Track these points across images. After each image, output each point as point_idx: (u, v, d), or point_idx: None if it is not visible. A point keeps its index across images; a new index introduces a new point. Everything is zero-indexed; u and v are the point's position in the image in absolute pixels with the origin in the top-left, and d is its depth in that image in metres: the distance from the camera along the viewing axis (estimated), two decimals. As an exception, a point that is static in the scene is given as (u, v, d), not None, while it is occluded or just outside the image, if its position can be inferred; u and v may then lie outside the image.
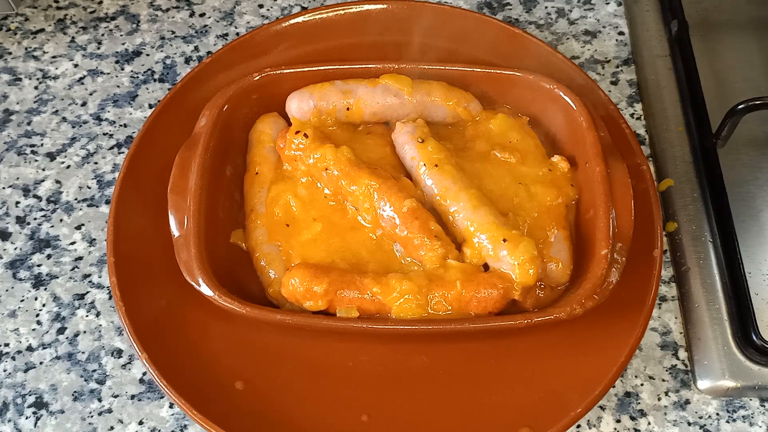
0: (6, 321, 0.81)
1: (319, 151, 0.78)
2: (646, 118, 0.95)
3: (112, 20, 1.04)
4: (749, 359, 0.76)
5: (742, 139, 0.88)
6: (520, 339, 0.74)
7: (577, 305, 0.70)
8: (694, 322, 0.79)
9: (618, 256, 0.73)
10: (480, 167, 0.81)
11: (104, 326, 0.81)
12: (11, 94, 0.97)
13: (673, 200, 0.87)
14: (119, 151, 0.92)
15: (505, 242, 0.72)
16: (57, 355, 0.79)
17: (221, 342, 0.75)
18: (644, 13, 1.03)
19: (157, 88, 0.98)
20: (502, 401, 0.71)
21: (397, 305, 0.71)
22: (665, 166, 0.89)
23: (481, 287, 0.71)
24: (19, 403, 0.76)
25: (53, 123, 0.95)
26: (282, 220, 0.79)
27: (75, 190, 0.90)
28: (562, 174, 0.81)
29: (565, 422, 0.69)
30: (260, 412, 0.71)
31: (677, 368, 0.78)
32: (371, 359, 0.74)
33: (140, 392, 0.77)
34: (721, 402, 0.76)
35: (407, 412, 0.71)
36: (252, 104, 0.85)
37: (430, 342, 0.75)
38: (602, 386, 0.70)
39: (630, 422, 0.75)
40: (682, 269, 0.82)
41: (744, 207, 0.84)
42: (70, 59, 1.00)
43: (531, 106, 0.86)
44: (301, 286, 0.71)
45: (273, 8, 1.05)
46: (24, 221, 0.87)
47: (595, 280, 0.71)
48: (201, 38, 1.02)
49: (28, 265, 0.84)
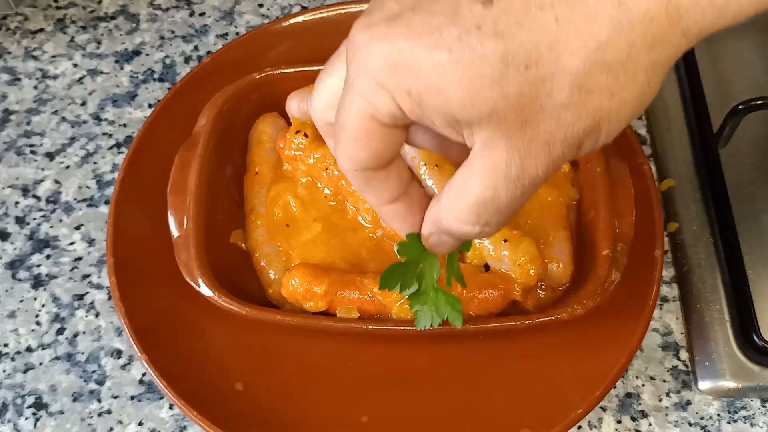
0: (5, 321, 0.81)
1: (320, 151, 0.78)
2: (648, 118, 0.95)
3: (112, 20, 1.04)
4: (751, 360, 0.76)
5: (744, 140, 0.88)
6: (521, 339, 0.74)
7: (579, 306, 0.70)
8: (696, 323, 0.79)
9: (619, 256, 0.73)
10: (480, 167, 0.81)
11: (104, 327, 0.81)
12: (10, 93, 0.97)
13: (675, 200, 0.86)
14: (119, 151, 0.92)
15: (506, 242, 0.72)
16: (56, 356, 0.79)
17: (221, 343, 0.75)
18: (645, 12, 1.03)
19: (156, 87, 0.98)
20: (502, 402, 0.71)
21: (397, 305, 0.71)
22: (666, 166, 0.89)
23: (482, 288, 0.71)
24: (19, 404, 0.76)
25: (53, 123, 0.94)
26: (282, 221, 0.79)
27: (74, 190, 0.89)
28: (563, 174, 0.81)
29: (566, 423, 0.68)
30: (260, 413, 0.71)
31: (678, 369, 0.78)
32: (371, 360, 0.74)
33: (140, 393, 0.77)
34: (723, 403, 0.76)
35: (407, 412, 0.71)
36: (252, 104, 0.85)
37: (430, 343, 0.75)
38: (603, 387, 0.70)
39: (631, 423, 0.75)
40: (684, 269, 0.82)
41: (745, 207, 0.84)
42: (69, 59, 1.00)
43: (532, 106, 0.86)
44: (301, 286, 0.71)
45: (273, 8, 1.05)
46: (23, 221, 0.87)
47: (596, 281, 0.71)
48: (201, 38, 1.02)
49: (28, 265, 0.84)
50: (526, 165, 0.46)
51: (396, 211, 0.57)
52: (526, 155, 0.46)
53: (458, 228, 0.52)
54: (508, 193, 0.48)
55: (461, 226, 0.51)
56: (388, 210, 0.57)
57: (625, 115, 0.45)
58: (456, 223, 0.51)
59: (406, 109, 0.46)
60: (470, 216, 0.50)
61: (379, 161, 0.51)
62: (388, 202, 0.56)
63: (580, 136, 0.45)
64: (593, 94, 0.44)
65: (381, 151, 0.50)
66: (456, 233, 0.53)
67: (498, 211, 0.49)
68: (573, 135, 0.45)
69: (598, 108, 0.44)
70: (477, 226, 0.51)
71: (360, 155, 0.50)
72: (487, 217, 0.50)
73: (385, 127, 0.48)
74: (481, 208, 0.49)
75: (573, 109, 0.44)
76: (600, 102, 0.44)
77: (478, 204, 0.49)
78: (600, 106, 0.44)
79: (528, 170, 0.47)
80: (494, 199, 0.48)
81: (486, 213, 0.50)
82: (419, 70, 0.44)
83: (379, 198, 0.56)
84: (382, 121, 0.48)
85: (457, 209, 0.51)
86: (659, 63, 0.44)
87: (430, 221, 0.56)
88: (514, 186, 0.48)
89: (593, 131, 0.46)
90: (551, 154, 0.46)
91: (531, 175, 0.47)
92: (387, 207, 0.56)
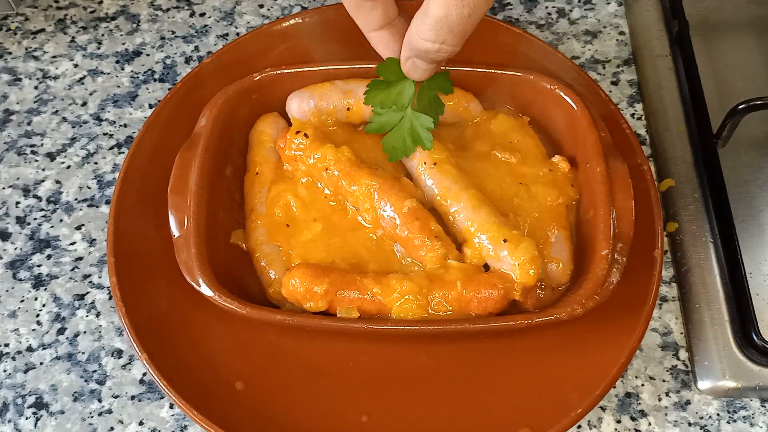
0: (6, 321, 0.81)
1: (320, 151, 0.78)
2: (647, 118, 0.95)
3: (113, 20, 1.04)
4: (750, 360, 0.76)
5: (743, 140, 0.88)
6: (521, 339, 0.74)
7: (578, 305, 0.70)
8: (695, 323, 0.79)
9: (618, 256, 0.73)
10: (480, 167, 0.81)
11: (104, 326, 0.81)
12: (11, 94, 0.97)
13: (674, 200, 0.87)
14: (119, 151, 0.92)
15: (506, 242, 0.72)
16: (57, 356, 0.79)
17: (221, 342, 0.75)
18: (645, 13, 1.03)
19: (157, 88, 0.98)
20: (502, 401, 0.71)
21: (397, 305, 0.71)
22: (666, 166, 0.89)
23: (482, 287, 0.71)
24: (19, 404, 0.76)
25: (53, 123, 0.95)
26: (282, 221, 0.79)
27: (75, 191, 0.89)
28: (563, 174, 0.81)
29: (566, 423, 0.69)
30: (260, 413, 0.71)
31: (678, 369, 0.78)
32: (371, 359, 0.74)
33: (140, 393, 0.77)
34: (722, 402, 0.76)
35: (407, 412, 0.71)
36: (252, 104, 0.85)
37: (430, 342, 0.75)
38: (603, 386, 0.70)
39: (630, 423, 0.75)
40: (683, 269, 0.82)
41: (744, 207, 0.84)
42: (70, 59, 1.00)
43: (531, 106, 0.86)
44: (301, 286, 0.71)
45: (273, 8, 1.05)
46: (24, 221, 0.87)
47: (595, 281, 0.71)
48: (201, 38, 1.02)
49: (28, 265, 0.84)
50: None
51: (381, 38, 0.72)
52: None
53: (422, 46, 0.66)
54: (456, 11, 0.61)
55: (424, 44, 0.66)
56: (374, 36, 0.72)
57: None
58: (420, 41, 0.66)
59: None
60: (430, 34, 0.64)
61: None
62: (375, 29, 0.71)
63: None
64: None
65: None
66: (422, 52, 0.68)
67: (451, 29, 0.63)
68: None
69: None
70: (435, 43, 0.65)
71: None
72: (443, 35, 0.64)
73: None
74: (438, 25, 0.63)
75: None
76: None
77: (436, 22, 0.62)
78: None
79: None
80: (447, 17, 0.62)
81: (442, 31, 0.63)
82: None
83: (367, 24, 0.71)
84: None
85: (420, 29, 0.65)
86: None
87: (405, 45, 0.69)
88: (462, 5, 0.61)
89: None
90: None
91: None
92: (374, 33, 0.72)
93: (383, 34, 0.71)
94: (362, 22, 0.71)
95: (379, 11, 0.69)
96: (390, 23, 0.71)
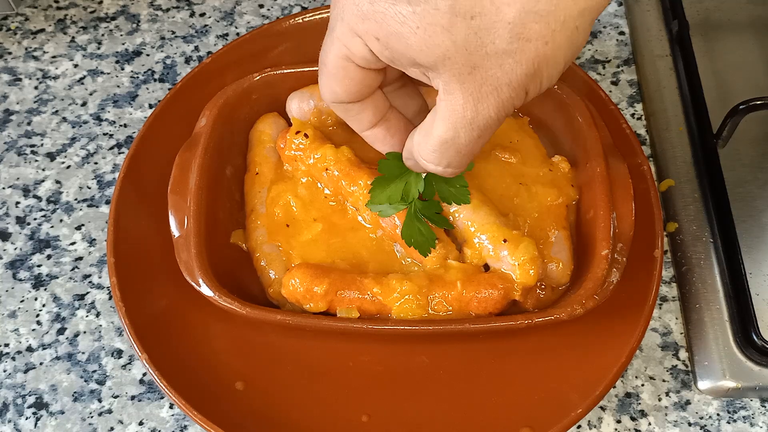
0: (6, 321, 0.81)
1: (320, 151, 0.78)
2: (647, 118, 0.95)
3: (112, 20, 1.04)
4: (750, 360, 0.76)
5: (743, 140, 0.88)
6: (521, 339, 0.74)
7: (578, 306, 0.70)
8: (695, 323, 0.79)
9: (618, 256, 0.73)
10: (480, 167, 0.81)
11: (104, 327, 0.81)
12: (11, 94, 0.97)
13: (674, 200, 0.87)
14: (119, 151, 0.92)
15: (506, 242, 0.72)
16: (57, 356, 0.79)
17: (221, 342, 0.75)
18: (645, 13, 1.03)
19: (157, 88, 0.98)
20: (502, 401, 0.71)
21: (397, 306, 0.71)
22: (666, 166, 0.89)
23: (482, 287, 0.71)
24: (19, 404, 0.76)
25: (53, 123, 0.95)
26: (282, 221, 0.79)
27: (75, 191, 0.89)
28: (563, 174, 0.81)
29: (566, 423, 0.68)
30: (260, 413, 0.71)
31: (678, 369, 0.78)
32: (371, 360, 0.74)
33: (140, 393, 0.77)
34: (722, 402, 0.76)
35: (407, 412, 0.71)
36: (252, 104, 0.85)
37: (430, 342, 0.75)
38: (603, 387, 0.70)
39: (630, 423, 0.75)
40: (683, 269, 0.82)
41: (745, 207, 0.84)
42: (70, 59, 1.00)
43: (531, 106, 0.86)
44: (301, 286, 0.71)
45: (273, 8, 1.05)
46: (24, 221, 0.87)
47: (595, 281, 0.71)
48: (201, 38, 1.02)
49: (28, 265, 0.84)
50: (480, 108, 0.53)
51: (375, 135, 0.66)
52: (478, 99, 0.52)
53: (426, 166, 0.60)
54: (466, 134, 0.55)
55: (427, 165, 0.60)
56: (368, 134, 0.67)
57: (560, 59, 0.52)
58: (423, 162, 0.60)
59: (376, 52, 0.54)
60: (433, 156, 0.58)
61: (353, 97, 0.60)
62: (367, 128, 0.66)
63: (524, 80, 0.52)
64: (530, 42, 0.50)
65: (355, 88, 0.59)
66: (424, 170, 0.63)
67: (458, 152, 0.57)
68: (517, 79, 0.52)
69: (536, 54, 0.51)
70: (440, 166, 0.59)
71: (336, 90, 0.60)
72: (448, 158, 0.58)
73: (360, 69, 0.57)
74: (443, 147, 0.57)
75: (514, 56, 0.50)
76: (536, 48, 0.50)
77: (441, 144, 0.56)
78: (537, 53, 0.50)
79: (482, 113, 0.53)
80: (455, 139, 0.56)
81: (448, 153, 0.57)
82: (384, 19, 0.51)
83: (359, 125, 0.66)
84: (357, 63, 0.56)
85: (423, 149, 0.59)
86: (587, 10, 0.50)
87: (407, 151, 0.64)
88: (471, 128, 0.54)
89: (535, 76, 0.52)
90: (500, 98, 0.52)
91: (485, 116, 0.54)
92: (367, 132, 0.66)
93: (377, 132, 0.66)
94: (354, 124, 0.65)
95: (369, 112, 0.63)
96: (383, 118, 0.65)
